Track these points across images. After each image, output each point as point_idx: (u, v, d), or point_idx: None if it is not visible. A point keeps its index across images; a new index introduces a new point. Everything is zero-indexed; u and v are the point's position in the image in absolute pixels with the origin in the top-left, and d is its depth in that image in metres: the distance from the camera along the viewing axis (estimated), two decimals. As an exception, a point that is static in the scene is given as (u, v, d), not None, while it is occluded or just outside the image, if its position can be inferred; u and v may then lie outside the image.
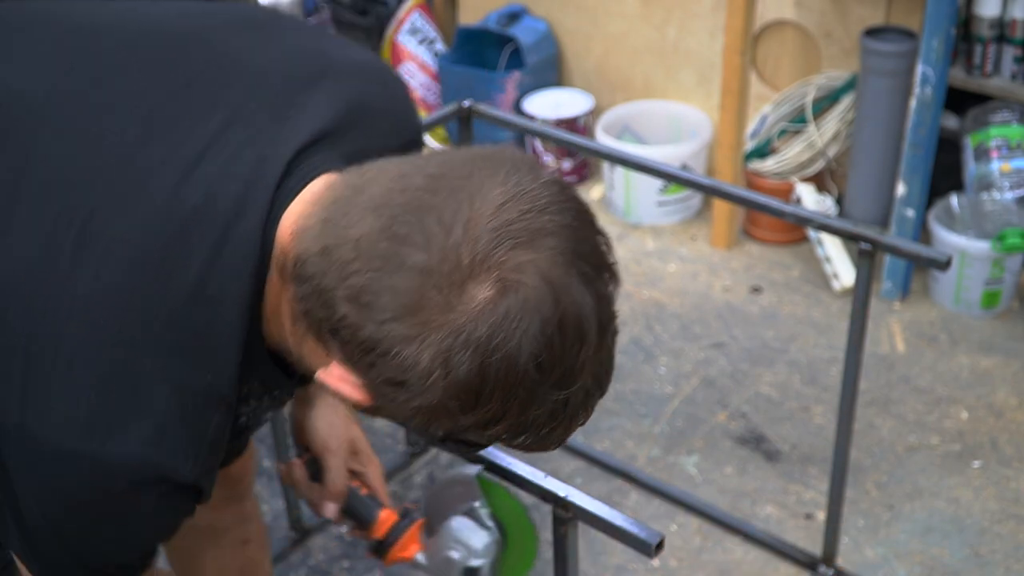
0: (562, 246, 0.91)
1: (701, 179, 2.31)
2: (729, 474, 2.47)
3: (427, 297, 0.88)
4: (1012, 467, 2.45)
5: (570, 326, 0.90)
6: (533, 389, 0.91)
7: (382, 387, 0.93)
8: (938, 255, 1.86)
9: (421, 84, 3.79)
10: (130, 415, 0.97)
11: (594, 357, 0.94)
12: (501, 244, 0.89)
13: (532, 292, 0.89)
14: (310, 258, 0.93)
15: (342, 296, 0.90)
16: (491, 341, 0.88)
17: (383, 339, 0.89)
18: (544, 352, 0.90)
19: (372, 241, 0.90)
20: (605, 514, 1.28)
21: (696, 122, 3.35)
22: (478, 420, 0.93)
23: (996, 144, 2.83)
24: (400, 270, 0.89)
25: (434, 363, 0.89)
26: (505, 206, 0.90)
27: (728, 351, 2.81)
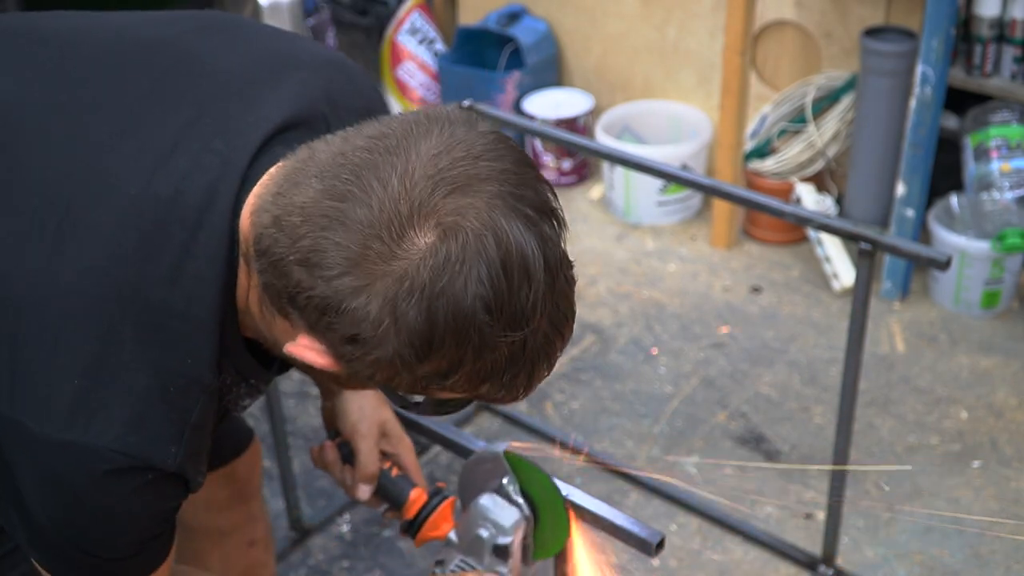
0: (499, 190, 0.93)
1: (701, 179, 2.31)
2: (729, 474, 2.47)
3: (370, 248, 0.91)
4: (1012, 467, 2.45)
5: (514, 266, 0.92)
6: (484, 331, 0.92)
7: (341, 347, 0.95)
8: (938, 255, 1.86)
9: (421, 84, 3.79)
10: (111, 402, 0.99)
11: (546, 298, 0.95)
12: (437, 190, 0.91)
13: (472, 234, 0.91)
14: (264, 231, 0.96)
15: (293, 261, 0.93)
16: (435, 285, 0.90)
17: (333, 295, 0.92)
18: (490, 292, 0.91)
19: (316, 203, 0.93)
20: (605, 514, 1.29)
21: (696, 122, 3.35)
22: (435, 369, 0.95)
23: (996, 144, 2.83)
24: (343, 226, 0.91)
25: (383, 312, 0.91)
26: (440, 155, 0.93)
27: (728, 351, 2.81)
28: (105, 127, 1.06)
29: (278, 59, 1.14)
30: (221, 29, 1.18)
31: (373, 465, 1.44)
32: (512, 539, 1.30)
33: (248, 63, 1.13)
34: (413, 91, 3.80)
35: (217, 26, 1.18)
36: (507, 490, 1.32)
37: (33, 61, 1.12)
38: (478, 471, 1.34)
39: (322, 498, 2.41)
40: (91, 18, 1.20)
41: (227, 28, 1.18)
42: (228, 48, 1.14)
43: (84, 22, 1.19)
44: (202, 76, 1.10)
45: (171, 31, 1.16)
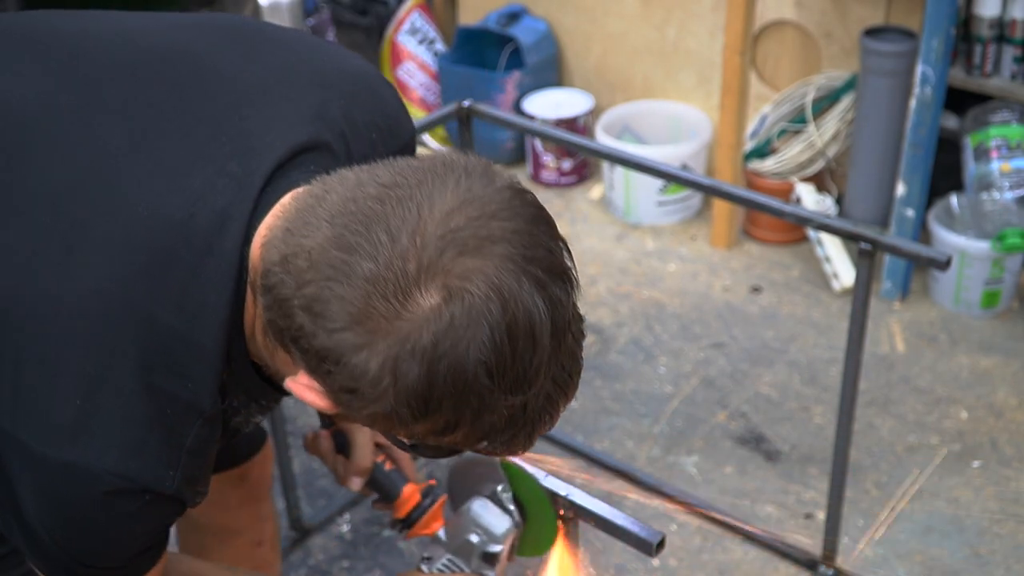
0: (511, 252, 0.91)
1: (701, 179, 2.31)
2: (729, 474, 2.47)
3: (374, 306, 0.89)
4: (1012, 467, 2.45)
5: (520, 331, 0.90)
6: (484, 395, 0.91)
7: (340, 394, 0.94)
8: (938, 255, 1.86)
9: (421, 84, 3.79)
10: (111, 425, 0.98)
11: (551, 362, 0.94)
12: (447, 251, 0.90)
13: (478, 299, 0.89)
14: (271, 268, 0.94)
15: (298, 305, 0.92)
16: (436, 349, 0.89)
17: (334, 348, 0.91)
18: (492, 358, 0.90)
19: (324, 251, 0.91)
20: (606, 513, 1.29)
21: (696, 122, 3.35)
22: (432, 427, 0.94)
23: (996, 144, 2.83)
24: (349, 279, 0.90)
25: (383, 371, 0.90)
26: (453, 213, 0.91)
27: (728, 351, 2.81)
28: (119, 139, 1.04)
29: (300, 74, 1.12)
30: (243, 38, 1.16)
31: (368, 459, 1.44)
32: (502, 547, 1.30)
33: (269, 77, 1.11)
34: (413, 91, 3.80)
35: (239, 34, 1.16)
36: (501, 498, 1.32)
37: (49, 64, 1.11)
38: (471, 473, 1.34)
39: (322, 498, 2.41)
40: (108, 20, 1.18)
41: (249, 36, 1.16)
42: (249, 60, 1.12)
43: (102, 25, 1.17)
44: (220, 90, 1.08)
45: (192, 39, 1.14)
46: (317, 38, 1.23)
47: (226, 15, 1.21)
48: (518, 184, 0.97)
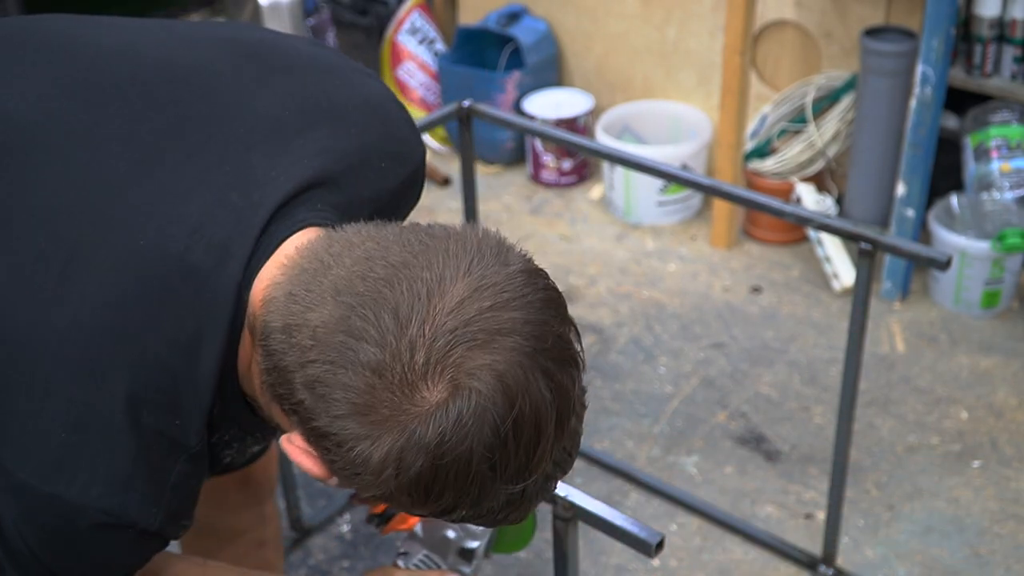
0: (521, 344, 0.90)
1: (701, 179, 2.31)
2: (729, 474, 2.47)
3: (378, 398, 0.88)
4: (1012, 467, 2.45)
5: (526, 426, 0.90)
6: (486, 485, 0.91)
7: (338, 471, 0.94)
8: (938, 255, 1.86)
9: (421, 84, 3.79)
10: (96, 460, 0.97)
11: (553, 448, 0.94)
12: (457, 346, 0.88)
13: (485, 395, 0.88)
14: (273, 333, 0.93)
15: (300, 382, 0.91)
16: (441, 445, 0.88)
17: (336, 433, 0.90)
18: (497, 453, 0.90)
19: (329, 331, 0.90)
20: (605, 514, 1.28)
21: (696, 122, 3.35)
22: (432, 511, 0.94)
23: (996, 144, 2.83)
24: (354, 366, 0.88)
25: (386, 463, 0.89)
26: (464, 303, 0.89)
27: (728, 351, 2.81)
28: (121, 163, 1.02)
29: (311, 102, 1.10)
30: (258, 59, 1.14)
31: None
32: (479, 543, 1.30)
33: (279, 104, 1.09)
34: (413, 91, 3.80)
35: (254, 55, 1.14)
36: None
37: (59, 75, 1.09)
38: None
39: (322, 498, 2.42)
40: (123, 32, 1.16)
41: (264, 57, 1.14)
42: (261, 84, 1.10)
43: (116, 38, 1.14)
44: (228, 116, 1.06)
45: (205, 58, 1.12)
46: (330, 57, 1.20)
47: (243, 29, 1.19)
48: (531, 264, 0.96)
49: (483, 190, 3.40)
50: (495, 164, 3.64)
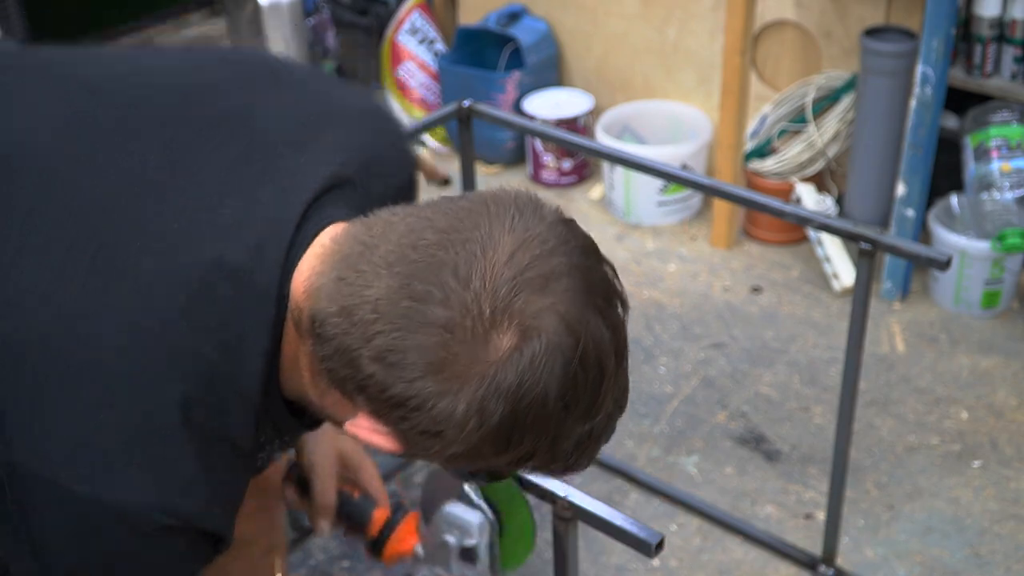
0: (575, 285, 0.94)
1: (701, 179, 2.31)
2: (729, 474, 2.47)
3: (453, 352, 0.91)
4: (1012, 467, 2.45)
5: (591, 362, 0.94)
6: (561, 425, 0.95)
7: (416, 437, 0.95)
8: (938, 255, 1.86)
9: (421, 84, 3.79)
10: (157, 463, 0.98)
11: (615, 384, 0.98)
12: (519, 293, 0.92)
13: (553, 335, 0.92)
14: (329, 318, 0.95)
15: (368, 356, 0.93)
16: (520, 387, 0.91)
17: (415, 396, 0.92)
18: (569, 391, 0.93)
19: (392, 301, 0.92)
20: (605, 514, 1.28)
21: (696, 122, 3.35)
22: (511, 459, 0.97)
23: (996, 144, 2.83)
24: (424, 327, 0.91)
25: (469, 414, 0.92)
26: (516, 254, 0.93)
27: (728, 351, 2.82)
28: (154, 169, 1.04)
29: (319, 114, 1.14)
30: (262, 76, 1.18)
31: (326, 497, 1.45)
32: (478, 541, 1.30)
33: (292, 115, 1.13)
34: (413, 91, 3.80)
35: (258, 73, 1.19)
36: (469, 495, 1.32)
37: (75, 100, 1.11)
38: (438, 485, 1.35)
39: (322, 498, 2.41)
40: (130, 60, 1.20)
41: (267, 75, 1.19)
42: (271, 100, 1.14)
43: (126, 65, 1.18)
44: (247, 130, 1.10)
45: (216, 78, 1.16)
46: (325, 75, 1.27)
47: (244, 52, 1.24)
48: (564, 215, 1.00)
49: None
50: (495, 164, 3.64)
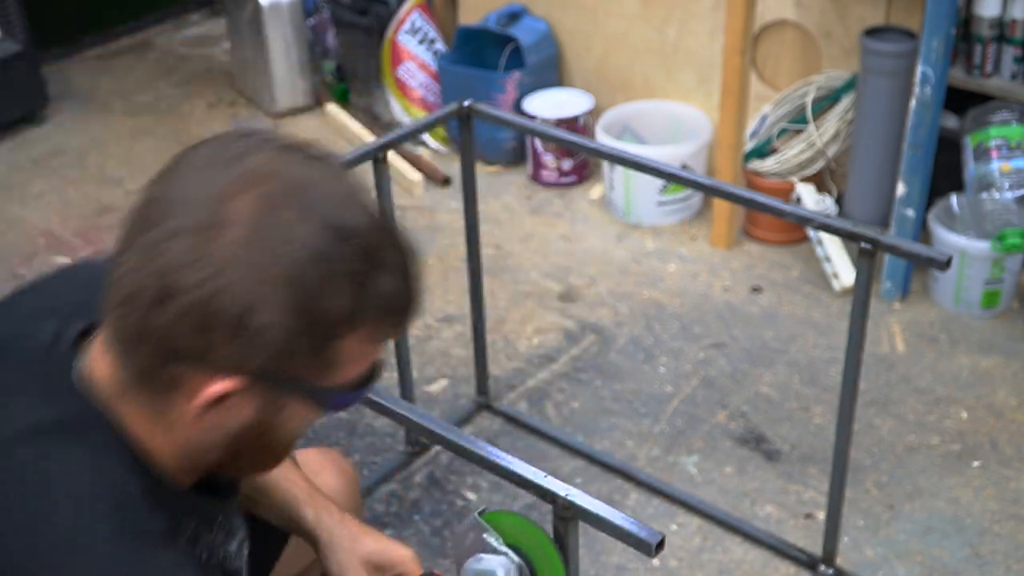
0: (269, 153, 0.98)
1: (701, 179, 2.31)
2: (729, 474, 2.47)
3: (201, 234, 0.93)
4: (1012, 467, 2.45)
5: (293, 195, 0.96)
6: (332, 255, 0.95)
7: (234, 358, 0.95)
8: (938, 255, 1.86)
9: (421, 84, 3.79)
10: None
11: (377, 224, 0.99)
12: (219, 185, 0.95)
13: (272, 187, 0.95)
14: (110, 319, 0.98)
15: (153, 319, 0.94)
16: (264, 229, 0.93)
17: (200, 300, 0.93)
18: (329, 232, 0.95)
19: (137, 264, 0.95)
20: (605, 513, 1.29)
21: (696, 122, 3.35)
22: (333, 317, 0.96)
23: (996, 144, 2.83)
24: (163, 244, 0.94)
25: (244, 282, 0.93)
26: (205, 166, 0.98)
27: (728, 351, 2.82)
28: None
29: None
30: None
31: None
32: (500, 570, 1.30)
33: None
34: (413, 91, 3.80)
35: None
36: (491, 545, 1.32)
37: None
38: (466, 544, 1.35)
39: (322, 498, 2.41)
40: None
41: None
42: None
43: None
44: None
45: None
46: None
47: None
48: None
49: (483, 190, 3.39)
50: (495, 164, 3.64)
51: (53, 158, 3.81)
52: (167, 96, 4.21)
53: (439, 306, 3.01)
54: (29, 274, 3.20)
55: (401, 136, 2.25)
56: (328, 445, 2.55)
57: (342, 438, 2.58)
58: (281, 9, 3.86)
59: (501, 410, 2.63)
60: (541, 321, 2.94)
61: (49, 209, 3.52)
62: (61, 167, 3.76)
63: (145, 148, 3.86)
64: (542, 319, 2.94)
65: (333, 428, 2.60)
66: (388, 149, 2.20)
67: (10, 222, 3.47)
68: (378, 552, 1.42)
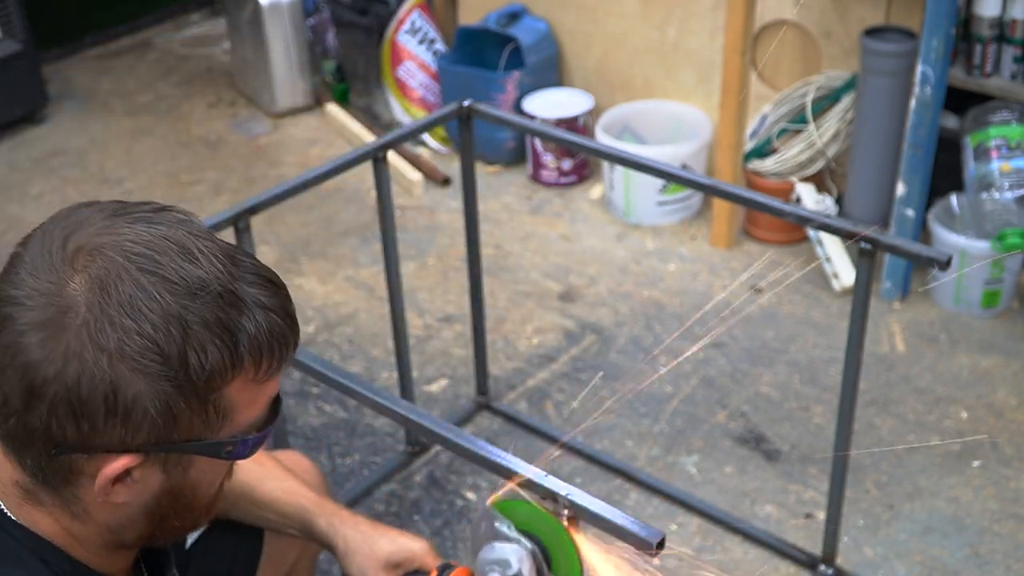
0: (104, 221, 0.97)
1: (701, 179, 2.31)
2: (729, 474, 2.47)
3: (47, 317, 0.93)
4: (1012, 467, 2.45)
5: (165, 250, 0.95)
6: (191, 309, 0.93)
7: (114, 433, 0.94)
8: (938, 255, 1.86)
9: (421, 84, 3.79)
10: None
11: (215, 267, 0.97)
12: (56, 254, 0.95)
13: (109, 256, 0.94)
14: (3, 435, 0.98)
15: (30, 419, 0.94)
16: (105, 308, 0.92)
17: (63, 389, 0.92)
18: (152, 279, 0.94)
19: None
20: (606, 513, 1.28)
21: (696, 122, 3.35)
22: (211, 372, 0.94)
23: (996, 144, 2.83)
24: (20, 336, 0.93)
25: (94, 357, 0.92)
26: (37, 256, 0.96)
27: (728, 351, 2.82)
28: None
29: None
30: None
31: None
32: (520, 568, 1.30)
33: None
34: (413, 91, 3.80)
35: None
36: (504, 532, 1.32)
37: None
38: (480, 535, 1.35)
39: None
40: None
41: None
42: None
43: None
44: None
45: None
46: None
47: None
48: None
49: (483, 190, 3.40)
50: (495, 164, 3.64)
51: (53, 158, 3.81)
52: (167, 96, 4.21)
53: (439, 306, 3.01)
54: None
55: (401, 136, 2.25)
56: (328, 445, 2.55)
57: (342, 438, 2.58)
58: (281, 9, 3.86)
59: (501, 410, 2.63)
60: (541, 321, 2.94)
61: (49, 209, 3.50)
62: (61, 167, 3.76)
63: (145, 148, 3.86)
64: (542, 319, 2.94)
65: (333, 428, 2.60)
66: (388, 149, 2.20)
67: (10, 222, 3.47)
68: (395, 552, 1.44)
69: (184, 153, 3.83)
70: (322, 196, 3.47)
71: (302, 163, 3.73)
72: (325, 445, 2.56)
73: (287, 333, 1.00)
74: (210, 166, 3.75)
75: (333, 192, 3.50)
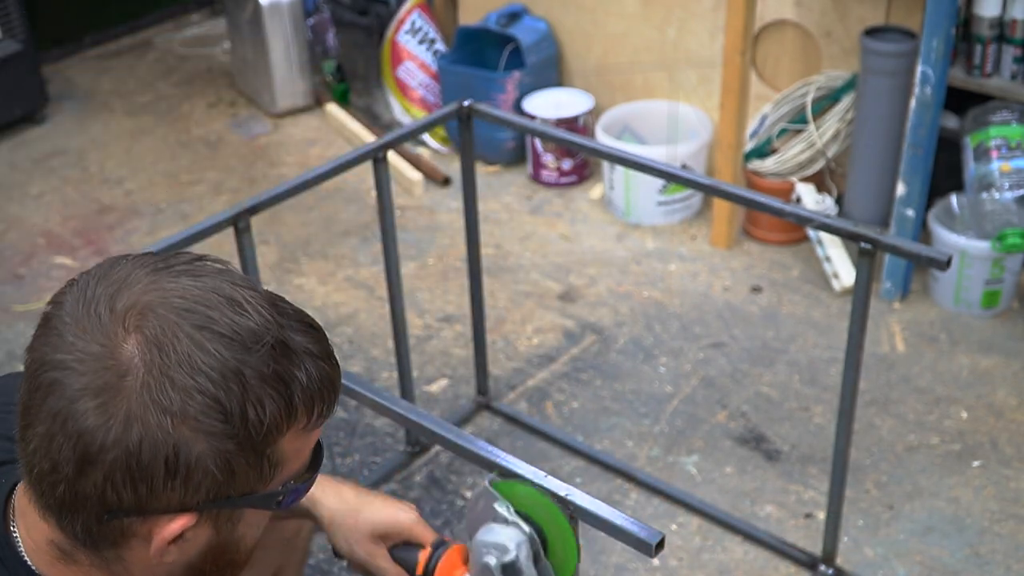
0: (148, 277, 0.95)
1: (701, 179, 2.31)
2: (729, 474, 2.47)
3: (99, 379, 0.91)
4: (1012, 467, 2.45)
5: (211, 304, 0.94)
6: (248, 365, 0.92)
7: (173, 497, 0.93)
8: (938, 255, 1.86)
9: (421, 84, 3.79)
10: None
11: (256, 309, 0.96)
12: (102, 314, 0.93)
13: (160, 313, 0.92)
14: (48, 501, 0.96)
15: (82, 486, 0.93)
16: (165, 368, 0.91)
17: (122, 454, 0.91)
18: (211, 334, 0.93)
19: (47, 432, 0.93)
20: (605, 513, 1.29)
21: (696, 122, 3.35)
22: (268, 428, 0.94)
23: (996, 144, 2.83)
24: (73, 402, 0.91)
25: (160, 419, 0.90)
26: (82, 317, 0.94)
27: (728, 351, 2.82)
28: None
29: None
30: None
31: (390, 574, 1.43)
32: (517, 554, 1.29)
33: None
34: (413, 91, 3.80)
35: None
36: (502, 514, 1.32)
37: None
38: (477, 513, 1.34)
39: (322, 498, 2.41)
40: None
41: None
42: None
43: None
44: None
45: None
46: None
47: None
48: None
49: (483, 190, 3.40)
50: (495, 164, 3.64)
51: (53, 158, 3.81)
52: (167, 96, 4.21)
53: (439, 306, 3.01)
54: (29, 274, 3.21)
55: (401, 136, 2.25)
56: (328, 445, 2.55)
57: (342, 438, 2.58)
58: (281, 9, 3.86)
59: (501, 410, 2.63)
60: (541, 321, 2.94)
61: (49, 209, 3.52)
62: (61, 167, 3.76)
63: (145, 148, 3.86)
64: (542, 319, 2.94)
65: (333, 428, 2.60)
66: (388, 149, 2.21)
67: (10, 222, 3.47)
68: (382, 523, 1.42)
69: (184, 153, 3.83)
70: (322, 196, 3.47)
71: (302, 163, 3.73)
72: (325, 445, 2.55)
73: (335, 379, 1.00)
74: (210, 166, 3.75)
75: (333, 192, 3.50)
